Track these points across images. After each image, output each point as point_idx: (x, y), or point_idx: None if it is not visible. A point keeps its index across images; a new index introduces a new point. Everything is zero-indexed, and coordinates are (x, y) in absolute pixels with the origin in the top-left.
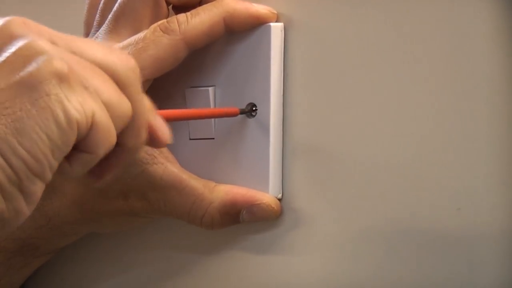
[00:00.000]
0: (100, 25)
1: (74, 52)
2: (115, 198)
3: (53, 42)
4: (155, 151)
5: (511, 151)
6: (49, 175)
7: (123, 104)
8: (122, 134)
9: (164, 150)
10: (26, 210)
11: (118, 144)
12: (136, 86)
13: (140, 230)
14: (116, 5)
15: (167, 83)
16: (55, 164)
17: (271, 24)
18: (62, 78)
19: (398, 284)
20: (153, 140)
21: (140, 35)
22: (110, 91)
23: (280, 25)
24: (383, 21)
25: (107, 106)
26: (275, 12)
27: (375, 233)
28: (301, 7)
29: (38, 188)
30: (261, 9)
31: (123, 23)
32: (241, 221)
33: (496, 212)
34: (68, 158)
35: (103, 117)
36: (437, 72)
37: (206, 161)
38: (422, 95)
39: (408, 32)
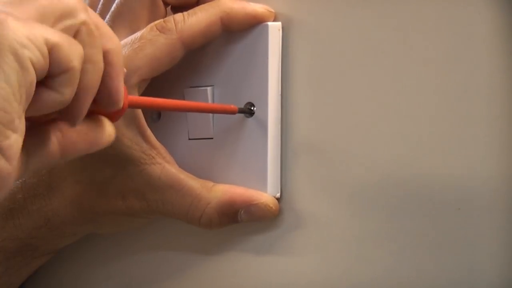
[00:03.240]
0: None
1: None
2: (114, 199)
3: None
4: (153, 151)
5: (511, 151)
6: (18, 124)
7: (71, 11)
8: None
9: (162, 150)
10: (8, 167)
11: (103, 55)
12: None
13: (139, 230)
14: (114, 5)
15: (166, 83)
16: (20, 109)
17: (269, 23)
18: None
19: (398, 284)
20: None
21: (137, 34)
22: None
23: (278, 24)
24: (382, 20)
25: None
26: (272, 11)
27: (375, 233)
28: (299, 6)
29: (12, 141)
30: (258, 8)
31: (121, 23)
32: (239, 221)
33: (496, 212)
34: (51, 86)
35: (56, 36)
36: (437, 72)
37: (205, 161)
38: (422, 94)
39: (407, 31)
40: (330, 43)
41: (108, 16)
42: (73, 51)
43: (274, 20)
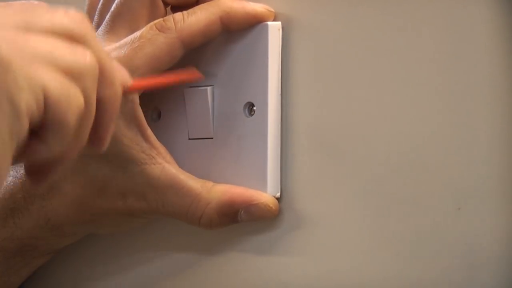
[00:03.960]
0: (98, 25)
1: (20, 27)
2: (114, 199)
3: None
4: (153, 151)
5: (511, 151)
6: (5, 169)
7: (80, 59)
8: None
9: (162, 150)
10: None
11: (99, 101)
12: (91, 35)
13: (139, 230)
14: (113, 5)
15: None
16: (10, 156)
17: (269, 23)
18: (1, 66)
19: (398, 284)
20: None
21: (136, 34)
22: (61, 48)
23: (277, 23)
24: (382, 20)
25: (66, 67)
26: (272, 10)
27: (375, 232)
28: (299, 6)
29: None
30: (258, 7)
31: (120, 23)
32: (239, 221)
33: (496, 212)
34: (40, 137)
35: (56, 85)
36: (438, 71)
37: (205, 161)
38: (422, 94)
39: (407, 30)
40: (330, 43)
41: (108, 16)
42: (71, 105)
43: (274, 20)
